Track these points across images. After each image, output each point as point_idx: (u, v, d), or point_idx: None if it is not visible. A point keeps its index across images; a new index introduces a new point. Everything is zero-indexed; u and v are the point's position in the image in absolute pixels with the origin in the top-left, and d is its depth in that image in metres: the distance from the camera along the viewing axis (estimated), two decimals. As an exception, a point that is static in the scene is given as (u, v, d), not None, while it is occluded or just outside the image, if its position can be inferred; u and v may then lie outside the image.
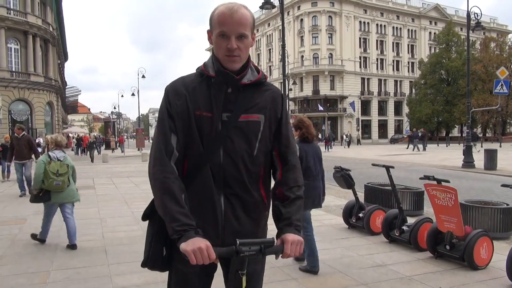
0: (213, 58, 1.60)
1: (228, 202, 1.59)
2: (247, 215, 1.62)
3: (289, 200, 1.62)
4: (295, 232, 1.55)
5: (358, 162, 19.74)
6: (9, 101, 32.74)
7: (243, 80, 1.60)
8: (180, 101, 1.56)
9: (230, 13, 1.51)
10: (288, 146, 1.69)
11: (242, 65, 1.60)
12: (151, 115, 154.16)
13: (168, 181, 1.51)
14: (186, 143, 1.57)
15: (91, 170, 17.53)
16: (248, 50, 1.61)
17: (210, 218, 1.58)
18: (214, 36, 1.56)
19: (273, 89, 1.70)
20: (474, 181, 12.46)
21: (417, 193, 7.15)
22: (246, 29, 1.54)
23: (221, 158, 1.56)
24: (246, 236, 1.56)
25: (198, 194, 1.57)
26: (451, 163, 18.47)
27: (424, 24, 67.36)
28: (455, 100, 50.07)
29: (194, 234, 1.43)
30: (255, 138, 1.60)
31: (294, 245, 1.51)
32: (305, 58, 60.53)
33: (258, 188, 1.65)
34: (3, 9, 32.55)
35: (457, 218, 4.40)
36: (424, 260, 4.67)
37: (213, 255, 1.40)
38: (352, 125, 58.29)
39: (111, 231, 6.18)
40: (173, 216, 1.46)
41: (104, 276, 4.17)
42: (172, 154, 1.56)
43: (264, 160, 1.65)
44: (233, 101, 1.58)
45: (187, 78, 1.64)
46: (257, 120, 1.60)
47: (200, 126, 1.55)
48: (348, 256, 4.86)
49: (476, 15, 17.37)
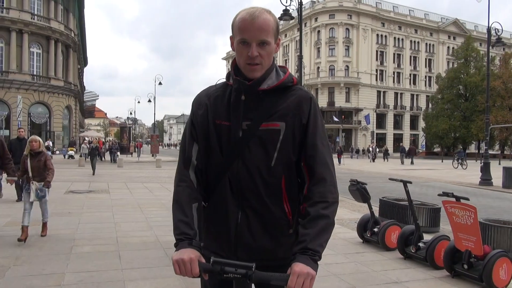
0: (232, 66, 1.56)
1: (244, 215, 1.50)
2: (265, 231, 1.50)
3: (310, 217, 1.41)
4: (307, 262, 1.32)
5: (373, 176, 19.52)
6: (29, 103, 33.52)
7: (262, 85, 1.50)
8: (201, 110, 1.56)
9: (251, 19, 1.43)
10: (314, 156, 1.50)
11: (265, 72, 1.51)
12: (166, 121, 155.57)
13: (179, 189, 1.51)
14: (207, 153, 1.55)
15: (106, 174, 17.73)
16: (271, 57, 1.51)
17: (223, 231, 1.52)
18: (235, 43, 1.50)
19: (300, 93, 1.55)
20: (492, 200, 12.19)
21: (433, 209, 7.02)
22: (268, 36, 1.45)
23: (238, 169, 1.49)
24: (262, 254, 1.48)
25: (216, 205, 1.54)
26: (468, 180, 18.13)
27: (442, 38, 66.90)
28: (472, 116, 49.32)
29: (187, 244, 1.38)
30: (273, 148, 1.48)
31: (301, 278, 1.27)
32: (321, 70, 60.56)
33: (279, 202, 1.51)
34: (27, 14, 33.50)
35: (476, 237, 4.30)
36: (441, 279, 4.56)
37: (196, 269, 1.33)
38: (366, 138, 57.87)
39: (125, 236, 6.22)
40: (175, 224, 1.46)
41: (117, 281, 4.18)
42: (190, 162, 1.54)
43: (284, 172, 1.51)
44: (253, 108, 1.50)
45: (212, 88, 1.62)
46: (276, 129, 1.48)
47: (219, 135, 1.52)
48: (363, 271, 4.78)
49: (497, 31, 17.17)
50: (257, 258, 1.43)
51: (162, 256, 5.10)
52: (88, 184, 13.45)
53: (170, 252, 5.13)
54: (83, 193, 11.02)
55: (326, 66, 60.31)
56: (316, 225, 1.39)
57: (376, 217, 6.19)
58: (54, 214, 7.76)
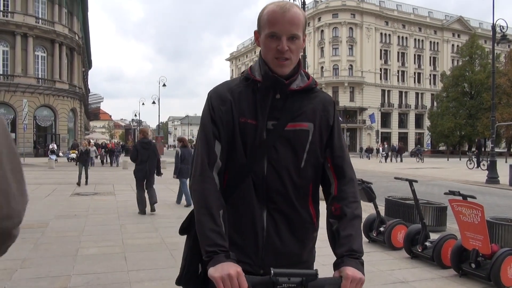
0: (260, 61, 1.47)
1: (271, 218, 1.42)
2: (292, 234, 1.44)
3: (348, 217, 1.40)
4: (357, 266, 1.30)
5: (378, 175, 19.45)
6: (34, 107, 33.74)
7: (292, 86, 1.45)
8: (225, 106, 1.43)
9: (282, 11, 1.37)
10: (343, 157, 1.50)
11: (292, 69, 1.45)
12: (170, 123, 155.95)
13: (206, 193, 1.36)
14: (228, 152, 1.43)
15: (111, 176, 17.80)
16: (299, 53, 1.46)
17: (249, 235, 1.42)
18: (262, 36, 1.42)
19: (324, 96, 1.54)
20: (499, 198, 12.10)
21: (440, 208, 6.98)
22: (298, 30, 1.39)
23: (265, 170, 1.41)
24: (289, 258, 1.42)
25: (238, 208, 1.42)
26: (474, 178, 18.01)
27: (446, 36, 66.56)
28: (478, 114, 48.97)
29: (225, 258, 1.26)
30: (302, 149, 1.43)
31: (354, 283, 1.26)
32: (325, 69, 60.46)
33: (306, 205, 1.47)
34: (32, 18, 33.72)
35: (484, 236, 4.27)
36: (448, 278, 4.53)
37: (245, 284, 1.21)
38: (371, 137, 57.67)
39: (131, 237, 6.23)
40: (204, 234, 1.32)
41: (123, 283, 4.19)
42: (214, 163, 1.41)
43: (313, 174, 1.47)
44: (280, 108, 1.43)
45: (232, 83, 1.51)
46: (305, 129, 1.44)
47: (243, 134, 1.41)
48: (369, 271, 4.75)
49: (502, 28, 17.05)
50: (284, 263, 1.39)
51: (168, 258, 5.10)
52: (93, 186, 13.51)
53: (175, 253, 5.14)
54: (89, 195, 11.07)
55: (330, 65, 60.20)
56: (354, 226, 1.39)
57: (382, 217, 6.16)
58: (60, 216, 7.80)
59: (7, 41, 32.95)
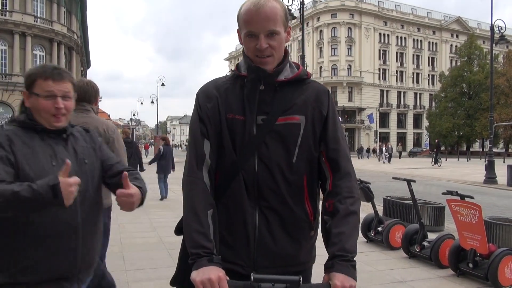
0: (244, 57, 1.43)
1: (263, 217, 1.36)
2: (287, 233, 1.38)
3: (341, 214, 1.32)
4: (348, 272, 1.25)
5: (376, 175, 19.47)
6: (32, 106, 33.64)
7: (279, 77, 1.39)
8: (210, 103, 1.40)
9: (256, 9, 1.31)
10: (338, 149, 1.41)
11: (278, 63, 1.40)
12: (169, 122, 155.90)
13: (192, 194, 1.34)
14: (218, 150, 1.40)
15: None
16: (282, 47, 1.39)
17: (241, 235, 1.37)
18: (242, 36, 1.38)
19: (317, 85, 1.47)
20: (497, 198, 12.13)
21: (438, 208, 6.99)
22: (276, 25, 1.33)
23: (255, 166, 1.36)
24: (284, 260, 1.37)
25: (229, 207, 1.38)
26: (472, 178, 18.04)
27: (445, 36, 66.65)
28: (476, 114, 49.07)
29: (208, 261, 1.22)
30: (294, 143, 1.37)
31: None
32: (323, 69, 60.49)
33: (301, 202, 1.40)
34: (31, 17, 33.64)
35: (481, 236, 4.28)
36: (446, 278, 4.54)
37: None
38: (370, 137, 57.74)
39: (129, 237, 6.22)
40: (189, 235, 1.29)
41: (121, 282, 4.18)
42: (203, 161, 1.37)
43: (306, 169, 1.40)
44: (269, 102, 1.38)
45: (219, 80, 1.48)
46: (296, 123, 1.38)
47: (232, 131, 1.37)
48: (367, 271, 4.76)
49: (500, 28, 17.09)
50: (278, 264, 1.36)
51: (166, 257, 5.10)
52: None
53: (173, 253, 5.13)
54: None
55: (329, 65, 60.22)
56: (348, 223, 1.31)
57: (380, 216, 6.17)
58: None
59: (5, 40, 32.86)
